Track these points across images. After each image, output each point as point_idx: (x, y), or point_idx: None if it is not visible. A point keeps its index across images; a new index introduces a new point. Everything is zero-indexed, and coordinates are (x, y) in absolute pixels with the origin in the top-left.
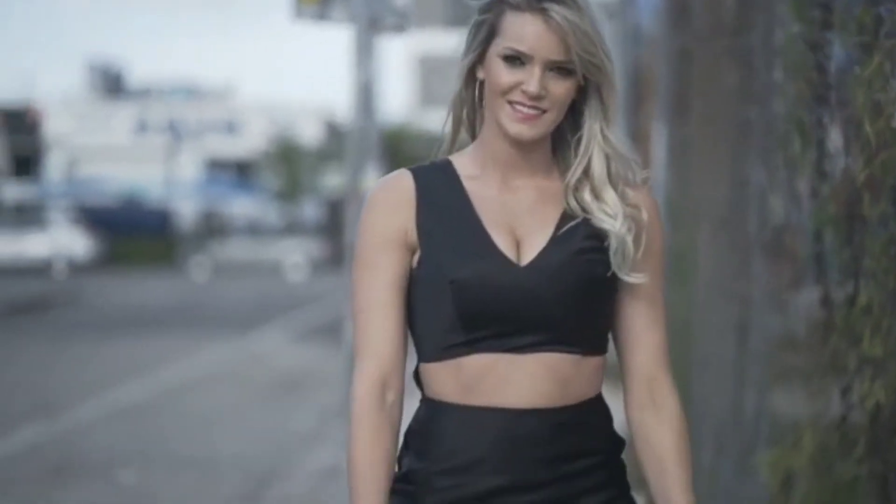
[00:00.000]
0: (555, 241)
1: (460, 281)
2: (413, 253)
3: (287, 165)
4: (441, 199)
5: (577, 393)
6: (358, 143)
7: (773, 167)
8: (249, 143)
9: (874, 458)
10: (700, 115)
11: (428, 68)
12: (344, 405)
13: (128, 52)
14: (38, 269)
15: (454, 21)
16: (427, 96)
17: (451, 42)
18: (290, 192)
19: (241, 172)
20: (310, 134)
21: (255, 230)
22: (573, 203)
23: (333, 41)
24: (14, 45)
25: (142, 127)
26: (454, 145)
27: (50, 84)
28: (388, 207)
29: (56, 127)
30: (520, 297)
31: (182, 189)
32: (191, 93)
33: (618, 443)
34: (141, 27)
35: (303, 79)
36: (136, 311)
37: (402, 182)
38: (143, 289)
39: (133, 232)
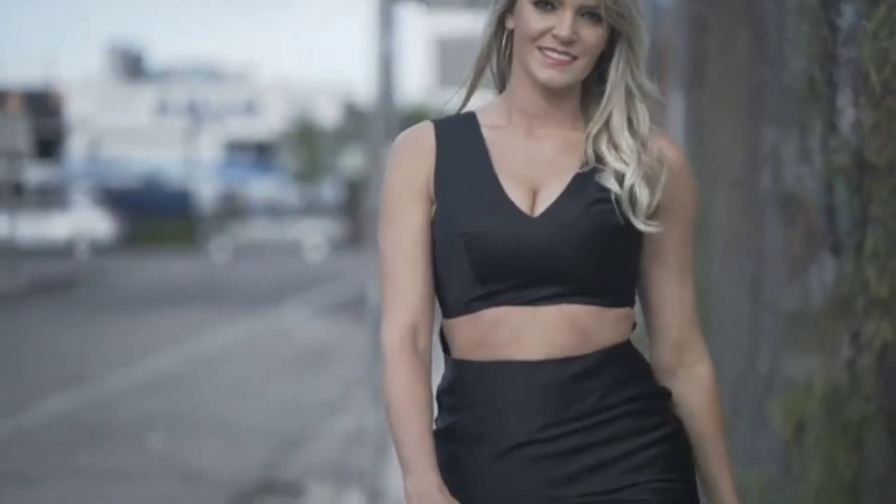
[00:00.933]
0: (569, 191)
1: (471, 234)
2: (433, 204)
3: (306, 146)
4: (459, 150)
5: (599, 342)
6: (380, 112)
7: (786, 126)
8: (269, 124)
9: (882, 395)
10: (715, 81)
11: (446, 50)
12: (367, 375)
13: (148, 34)
14: (61, 251)
15: (473, 2)
16: (445, 78)
17: (469, 24)
18: (310, 173)
19: (260, 153)
20: (329, 115)
21: (274, 211)
22: (590, 153)
23: (353, 21)
24: (34, 27)
25: (162, 108)
26: (469, 99)
27: (70, 66)
28: (411, 158)
29: (78, 109)
30: (532, 249)
31: (202, 170)
32: (210, 74)
33: (657, 390)
34: (160, 9)
35: (322, 60)
36: (160, 288)
37: (424, 133)
38: (166, 269)
39: (154, 213)
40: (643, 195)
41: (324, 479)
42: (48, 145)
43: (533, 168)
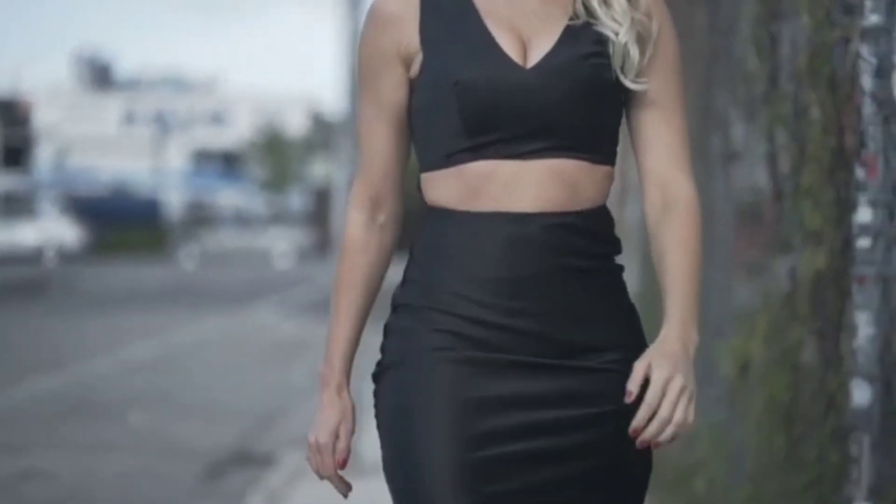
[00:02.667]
0: (561, 43)
1: (465, 82)
2: (411, 65)
3: (274, 155)
4: (444, 4)
5: (585, 198)
6: (347, 121)
7: (734, 88)
8: (236, 133)
9: (816, 316)
10: None
11: None
12: None
13: (115, 44)
14: (29, 258)
15: None
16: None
17: None
18: (277, 182)
19: (228, 163)
20: (296, 124)
21: (242, 220)
22: (580, 7)
23: (321, 31)
24: (0, 37)
25: (130, 118)
26: None
27: (37, 76)
28: (386, 20)
29: (45, 118)
30: (526, 98)
31: (170, 179)
32: (178, 84)
33: (617, 245)
34: (128, 18)
35: (290, 70)
36: (131, 291)
37: None
38: (135, 274)
39: (122, 222)
40: (635, 54)
41: (296, 450)
42: (15, 154)
43: (520, 18)
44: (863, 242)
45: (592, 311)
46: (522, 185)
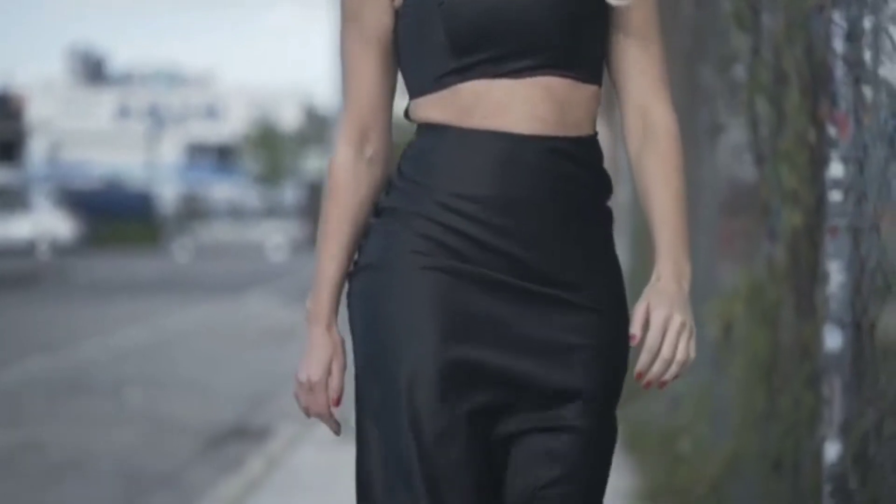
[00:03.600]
0: None
1: (450, 1)
2: None
3: (267, 149)
4: None
5: (574, 120)
6: (341, 115)
7: (719, 62)
8: (230, 127)
9: (793, 274)
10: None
11: None
12: None
13: (108, 39)
14: (23, 251)
15: None
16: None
17: None
18: (271, 176)
19: (222, 157)
20: (290, 118)
21: (236, 213)
22: None
23: (314, 26)
24: None
25: (123, 112)
26: None
27: (31, 71)
28: None
29: (38, 112)
30: (511, 15)
31: (163, 173)
32: (172, 78)
33: (609, 182)
34: (122, 13)
35: (283, 65)
36: (125, 281)
37: None
38: (128, 266)
39: (115, 215)
40: None
41: (293, 423)
42: (8, 148)
43: None
44: (835, 196)
45: (576, 248)
46: (514, 103)
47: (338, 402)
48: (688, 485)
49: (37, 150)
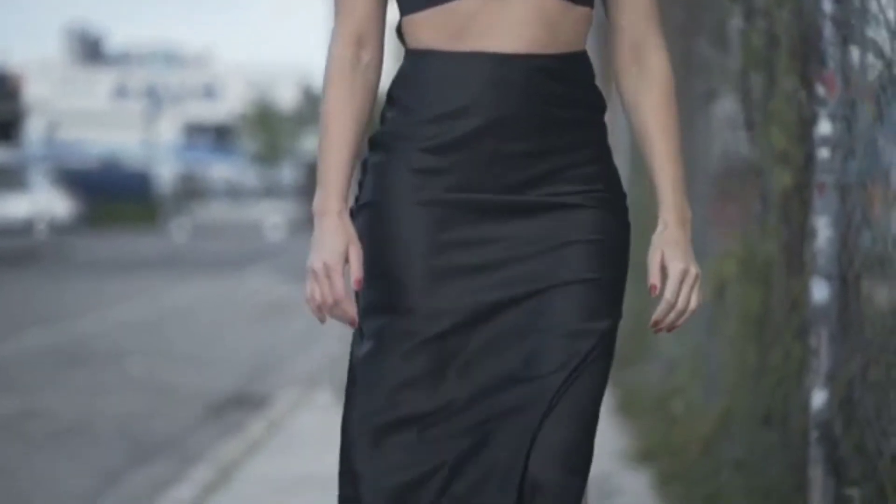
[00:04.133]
0: None
1: None
2: None
3: (265, 129)
4: None
5: (565, 41)
6: None
7: (713, 31)
8: (228, 107)
9: (784, 227)
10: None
11: None
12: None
13: (105, 19)
14: (20, 230)
15: None
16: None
17: None
18: (269, 156)
19: (219, 136)
20: (287, 98)
21: (234, 193)
22: None
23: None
24: None
25: (121, 92)
26: None
27: (27, 50)
28: None
29: (35, 92)
30: None
31: (161, 153)
32: (169, 58)
33: (600, 98)
34: None
35: (280, 44)
36: (124, 258)
37: None
38: (128, 244)
39: (113, 195)
40: None
41: (295, 388)
42: (6, 128)
43: None
44: (823, 153)
45: (569, 153)
46: (506, 24)
47: (359, 283)
48: (682, 444)
49: (34, 129)
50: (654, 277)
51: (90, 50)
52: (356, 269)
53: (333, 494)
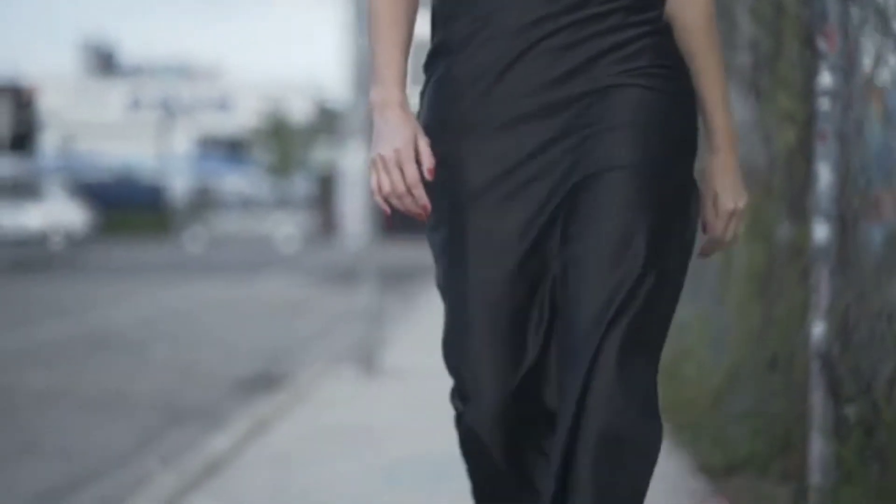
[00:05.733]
0: None
1: None
2: None
3: (278, 141)
4: None
5: None
6: (352, 107)
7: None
8: (241, 120)
9: (784, 184)
10: None
11: (418, 48)
12: (348, 312)
13: (119, 32)
14: (36, 240)
15: None
16: (416, 77)
17: None
18: (282, 168)
19: (233, 149)
20: (300, 111)
21: (247, 205)
22: None
23: (326, 18)
24: (4, 24)
25: (135, 104)
26: None
27: (42, 63)
28: None
29: (50, 104)
30: None
31: (175, 165)
32: (183, 71)
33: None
34: (133, 5)
35: (294, 57)
36: (140, 266)
37: None
38: (143, 254)
39: (127, 207)
40: None
41: (320, 364)
42: (21, 139)
43: None
44: (823, 103)
45: (608, 35)
46: None
47: (432, 172)
48: (692, 399)
49: (49, 141)
50: (707, 213)
51: (104, 63)
52: (427, 158)
53: (365, 443)
